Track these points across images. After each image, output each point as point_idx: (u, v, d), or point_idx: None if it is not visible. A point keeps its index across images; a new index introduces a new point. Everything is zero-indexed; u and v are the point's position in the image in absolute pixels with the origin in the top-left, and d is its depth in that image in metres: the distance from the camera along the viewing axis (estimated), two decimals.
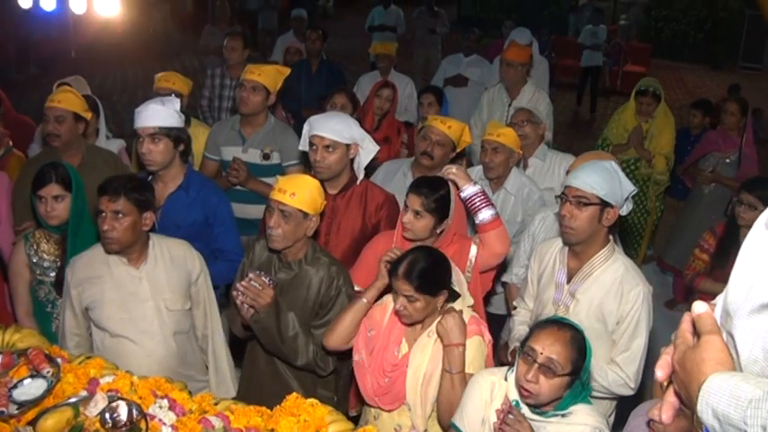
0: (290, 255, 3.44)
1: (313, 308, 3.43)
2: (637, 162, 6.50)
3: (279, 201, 3.29)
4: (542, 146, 5.20)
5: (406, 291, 3.00)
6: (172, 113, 3.94)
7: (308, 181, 3.40)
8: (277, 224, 3.29)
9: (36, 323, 3.77)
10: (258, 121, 4.83)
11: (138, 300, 3.43)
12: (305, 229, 3.36)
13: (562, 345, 2.60)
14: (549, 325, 2.70)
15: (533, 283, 3.70)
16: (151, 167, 3.92)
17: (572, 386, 2.63)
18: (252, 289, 3.23)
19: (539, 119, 5.22)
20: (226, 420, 2.75)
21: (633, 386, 3.36)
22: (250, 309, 3.27)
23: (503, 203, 4.66)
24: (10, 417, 2.69)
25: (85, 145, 4.65)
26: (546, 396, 2.62)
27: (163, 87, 5.37)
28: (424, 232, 3.55)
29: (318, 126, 3.89)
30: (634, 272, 3.38)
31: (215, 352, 3.74)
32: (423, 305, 3.02)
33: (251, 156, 4.79)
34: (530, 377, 2.60)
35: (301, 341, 3.35)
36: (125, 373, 2.95)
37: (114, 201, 3.27)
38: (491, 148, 4.57)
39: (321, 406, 2.81)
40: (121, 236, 3.31)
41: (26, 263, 3.77)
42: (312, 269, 3.44)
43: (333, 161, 3.88)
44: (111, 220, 3.28)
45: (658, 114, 6.52)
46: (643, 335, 3.32)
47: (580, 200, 3.24)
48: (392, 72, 7.49)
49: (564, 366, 2.58)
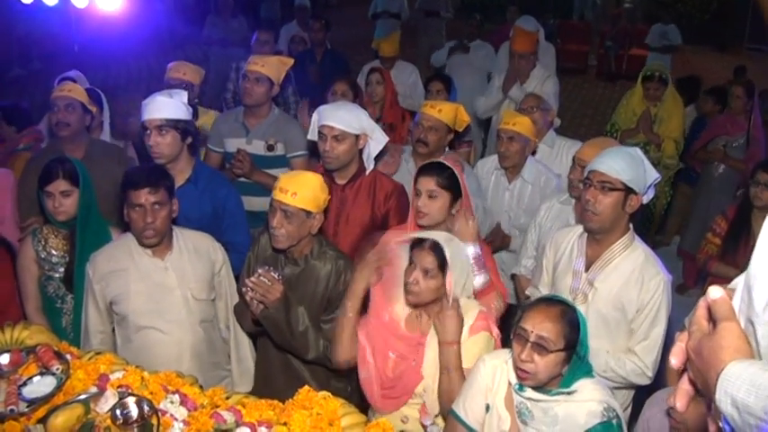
0: (296, 251, 3.43)
1: (321, 302, 3.43)
2: (646, 146, 6.43)
3: (280, 201, 3.27)
4: (551, 132, 5.18)
5: (427, 262, 2.98)
6: (179, 106, 3.91)
7: (310, 178, 3.37)
8: (280, 224, 3.28)
9: (45, 319, 3.76)
10: (262, 113, 4.81)
11: (166, 290, 3.43)
12: (308, 227, 3.35)
13: (552, 321, 2.58)
14: (538, 304, 2.70)
15: (548, 270, 3.66)
16: (158, 160, 3.89)
17: (570, 361, 2.61)
18: (261, 284, 3.22)
19: (548, 105, 5.19)
20: (238, 414, 2.73)
21: (651, 375, 3.34)
22: (260, 305, 3.26)
23: (520, 192, 4.65)
24: (20, 415, 2.67)
25: (89, 138, 4.65)
26: (544, 374, 2.60)
27: (174, 77, 5.36)
28: (441, 213, 3.54)
29: (328, 116, 3.88)
30: (654, 260, 3.34)
31: (238, 343, 3.76)
32: (437, 285, 3.00)
33: (255, 147, 4.77)
34: (524, 357, 2.59)
35: (311, 335, 3.34)
36: (135, 369, 2.93)
37: (155, 192, 3.28)
38: (507, 137, 4.55)
39: (333, 399, 2.80)
40: (162, 226, 3.34)
41: (34, 258, 3.76)
42: (319, 264, 3.43)
43: (342, 151, 3.86)
44: (153, 211, 3.29)
45: (666, 98, 6.51)
46: (662, 324, 3.30)
47: (605, 185, 3.21)
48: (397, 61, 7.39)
49: (556, 342, 2.56)
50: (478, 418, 2.81)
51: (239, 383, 3.73)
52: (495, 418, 2.77)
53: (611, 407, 2.63)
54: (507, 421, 2.74)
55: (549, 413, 2.65)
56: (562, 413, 2.64)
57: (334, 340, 3.27)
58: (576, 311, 2.65)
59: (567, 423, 2.63)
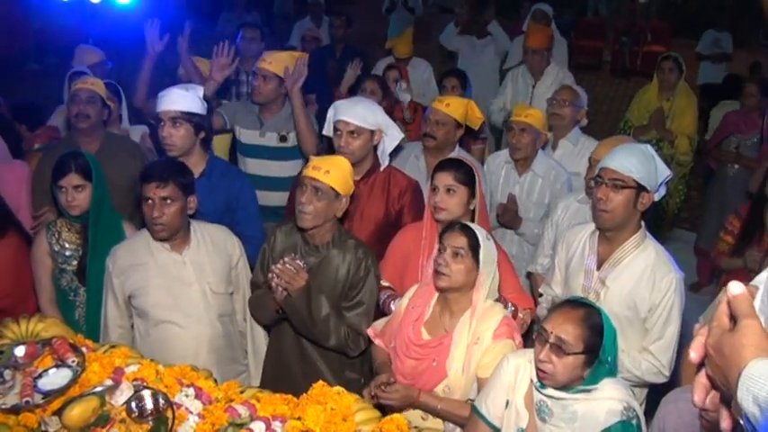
0: (317, 237, 3.44)
1: (342, 290, 3.44)
2: (659, 143, 6.40)
3: (313, 177, 3.31)
4: (576, 129, 5.15)
5: (458, 243, 3.01)
6: (195, 99, 3.93)
7: (342, 161, 3.43)
8: (309, 201, 3.31)
9: (59, 311, 3.79)
10: (275, 108, 4.82)
11: (184, 284, 3.45)
12: (335, 209, 3.38)
13: (572, 323, 2.58)
14: (564, 305, 2.69)
15: (560, 269, 3.65)
16: (171, 152, 3.91)
17: (591, 365, 2.59)
18: (287, 272, 3.24)
19: (581, 103, 5.15)
20: (252, 409, 2.73)
21: (667, 373, 3.33)
22: (284, 291, 3.28)
23: (530, 186, 4.66)
24: (35, 406, 2.69)
25: (105, 132, 4.66)
26: (562, 375, 2.59)
27: None
28: (459, 208, 3.55)
29: (343, 111, 3.89)
30: (666, 258, 3.32)
31: (254, 336, 3.78)
32: (467, 267, 3.01)
33: (268, 139, 4.80)
34: (542, 357, 2.59)
35: (333, 323, 3.37)
36: (150, 362, 2.94)
37: (163, 187, 3.29)
38: (518, 129, 4.57)
39: (348, 394, 2.80)
40: (171, 221, 3.34)
41: (48, 251, 3.78)
42: (339, 252, 3.45)
43: (357, 146, 3.88)
44: (161, 206, 3.30)
45: (680, 93, 6.48)
46: (676, 322, 3.29)
47: (616, 182, 3.19)
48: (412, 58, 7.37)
49: (574, 344, 2.55)
50: (499, 414, 2.82)
51: (255, 376, 3.74)
52: (513, 414, 2.77)
53: (630, 406, 2.62)
54: (525, 419, 2.74)
55: (569, 410, 2.65)
56: (581, 411, 2.63)
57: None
58: (602, 316, 2.63)
59: (586, 421, 2.62)
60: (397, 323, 3.28)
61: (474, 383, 3.06)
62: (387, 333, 3.34)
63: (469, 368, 3.04)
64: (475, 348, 3.04)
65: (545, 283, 3.85)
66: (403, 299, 3.35)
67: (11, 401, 2.72)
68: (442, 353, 3.08)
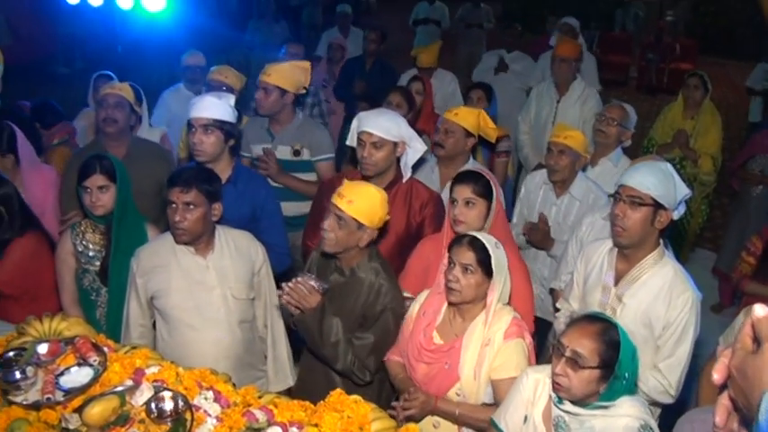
0: (344, 261, 3.42)
1: (357, 317, 3.41)
2: (682, 161, 6.36)
3: (336, 205, 3.28)
4: (618, 150, 5.02)
5: (466, 259, 3.01)
6: (226, 108, 3.97)
7: (372, 192, 3.34)
8: (331, 228, 3.28)
9: (80, 310, 3.83)
10: (284, 119, 4.83)
11: (206, 288, 3.46)
12: (357, 239, 3.31)
13: (589, 338, 2.57)
14: (581, 320, 2.69)
15: (578, 284, 3.64)
16: (200, 158, 3.94)
17: (608, 381, 2.58)
18: (298, 291, 3.23)
19: (629, 125, 4.99)
20: (270, 414, 2.74)
21: (674, 394, 3.30)
22: (296, 309, 3.28)
23: (567, 208, 4.57)
24: (56, 403, 2.72)
25: (131, 137, 4.73)
26: (577, 389, 2.59)
27: (215, 79, 5.45)
28: (478, 221, 3.54)
29: (367, 123, 3.89)
30: (683, 277, 3.30)
31: (274, 342, 3.78)
32: (477, 281, 3.02)
33: (281, 152, 4.81)
34: (558, 370, 2.60)
35: (342, 348, 3.33)
36: (170, 364, 2.96)
37: (186, 192, 3.30)
38: (557, 151, 4.46)
39: (364, 403, 2.80)
40: (192, 226, 3.35)
41: (72, 251, 3.84)
42: (363, 280, 3.40)
43: (380, 158, 3.87)
44: (183, 211, 3.32)
45: (704, 112, 6.43)
46: (689, 342, 3.26)
47: (634, 200, 3.19)
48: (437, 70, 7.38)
49: (590, 359, 2.55)
50: (517, 429, 2.82)
51: (274, 382, 3.75)
52: (531, 429, 2.78)
53: (647, 424, 2.61)
54: None
55: (586, 425, 2.65)
56: (599, 427, 2.63)
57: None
58: (620, 331, 2.62)
59: None
60: (408, 330, 3.29)
61: (487, 386, 3.06)
62: (400, 342, 3.35)
63: (481, 371, 3.04)
64: (487, 350, 3.04)
65: (563, 297, 3.84)
66: (414, 305, 3.36)
67: (32, 398, 2.74)
68: (454, 356, 3.09)
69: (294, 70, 4.81)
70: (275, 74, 4.72)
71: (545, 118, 6.39)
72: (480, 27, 11.75)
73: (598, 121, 5.01)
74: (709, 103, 6.51)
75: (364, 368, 3.38)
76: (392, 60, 8.63)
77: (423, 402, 3.08)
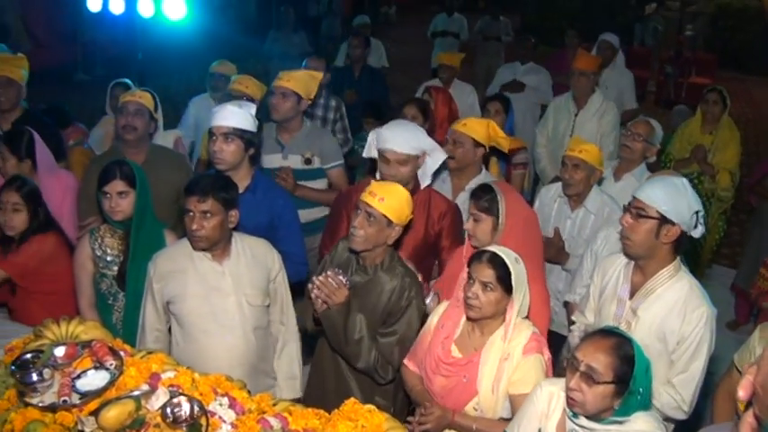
0: (368, 259, 3.47)
1: (382, 315, 3.45)
2: (700, 176, 6.33)
3: (367, 203, 3.35)
4: (642, 165, 4.98)
5: (486, 276, 3.00)
6: (247, 117, 3.99)
7: (400, 191, 3.43)
8: (361, 225, 3.34)
9: (97, 315, 3.86)
10: (293, 127, 4.85)
11: (221, 294, 3.49)
12: (386, 236, 3.40)
13: (603, 352, 2.57)
14: (596, 334, 2.68)
15: (594, 297, 3.62)
16: (220, 166, 3.96)
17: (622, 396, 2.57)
18: (328, 285, 3.28)
19: (655, 141, 4.98)
20: (284, 421, 2.74)
21: (687, 410, 3.27)
22: (323, 304, 3.32)
23: (582, 222, 4.55)
24: (72, 406, 2.72)
25: (150, 144, 4.76)
26: (592, 405, 2.58)
27: (237, 90, 5.46)
28: (485, 236, 3.55)
29: (390, 140, 3.91)
30: (699, 292, 3.28)
31: (287, 350, 3.79)
32: (497, 298, 3.01)
33: (292, 161, 4.83)
34: (572, 385, 2.59)
35: (365, 345, 3.38)
36: (186, 369, 2.97)
37: (203, 201, 3.34)
38: (572, 165, 4.45)
39: (379, 413, 2.79)
40: (209, 234, 3.39)
41: (90, 256, 3.87)
42: (386, 277, 3.46)
43: (405, 173, 3.92)
44: (200, 219, 3.35)
45: (722, 127, 6.40)
46: (703, 357, 3.23)
47: (639, 212, 3.19)
48: (455, 81, 7.44)
49: (604, 374, 2.54)
50: None
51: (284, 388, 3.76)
52: None
53: None
54: None
55: None
56: None
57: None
58: (634, 346, 2.61)
59: None
60: (426, 342, 3.29)
61: (505, 401, 3.06)
62: (417, 353, 3.35)
63: (500, 385, 3.04)
64: (506, 365, 3.04)
65: (578, 310, 3.82)
66: (432, 317, 3.37)
67: (49, 400, 2.75)
68: (472, 370, 3.08)
69: (309, 79, 4.85)
70: (293, 80, 4.75)
71: (563, 131, 6.37)
72: (498, 40, 11.75)
73: (624, 136, 4.98)
74: (728, 118, 6.48)
75: (388, 364, 3.43)
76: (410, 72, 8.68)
77: (439, 417, 3.08)
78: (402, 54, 14.81)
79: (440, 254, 4.14)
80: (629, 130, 4.95)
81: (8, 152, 4.45)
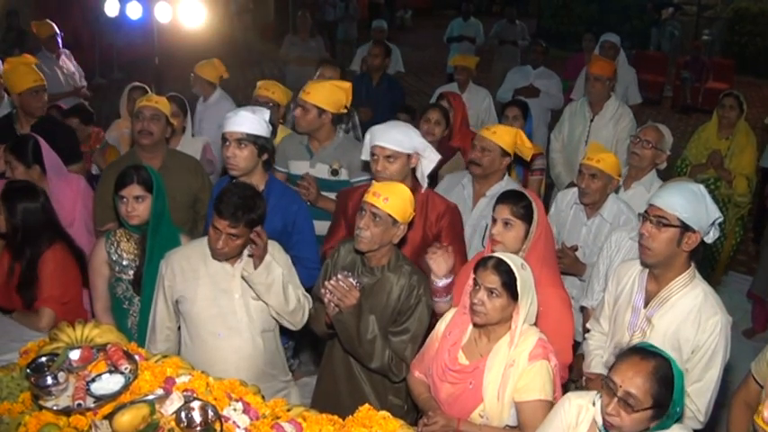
0: (374, 260, 3.49)
1: (392, 314, 3.46)
2: (717, 182, 6.27)
3: (372, 203, 3.36)
4: (653, 173, 4.87)
5: (491, 283, 2.98)
6: (261, 122, 3.99)
7: (402, 189, 3.45)
8: (367, 226, 3.35)
9: (113, 319, 3.87)
10: (323, 137, 4.77)
11: (230, 296, 3.50)
12: (392, 235, 3.42)
13: (642, 377, 2.49)
14: (632, 355, 2.58)
15: (609, 304, 3.59)
16: (233, 172, 3.98)
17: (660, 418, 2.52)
18: (339, 288, 3.29)
19: (664, 147, 4.86)
20: (298, 427, 2.75)
21: (702, 420, 3.23)
22: (336, 307, 3.32)
23: (597, 230, 4.50)
24: (87, 410, 2.74)
25: (166, 149, 4.78)
26: (629, 429, 2.53)
27: (262, 95, 5.40)
28: (515, 243, 3.50)
29: (380, 136, 3.90)
30: (714, 299, 3.23)
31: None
32: (502, 304, 2.99)
33: (319, 171, 4.77)
34: (610, 410, 2.53)
35: (378, 345, 3.39)
36: (201, 374, 2.98)
37: (234, 227, 3.33)
38: (588, 174, 4.38)
39: (393, 419, 2.80)
40: (231, 252, 3.43)
41: (106, 260, 3.88)
42: (394, 276, 3.48)
43: (394, 171, 3.88)
44: (227, 239, 3.36)
45: (739, 132, 6.34)
46: (718, 366, 3.19)
47: (660, 220, 3.13)
48: (470, 85, 7.43)
49: (643, 401, 2.47)
50: None
51: None
52: None
53: None
54: None
55: None
56: None
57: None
58: (673, 367, 2.53)
59: None
60: (433, 349, 3.28)
61: (511, 408, 3.04)
62: (424, 360, 3.34)
63: (505, 392, 3.01)
64: (511, 371, 3.01)
65: (593, 317, 3.79)
66: (440, 324, 3.35)
67: (63, 403, 2.77)
68: (478, 377, 3.07)
69: (335, 90, 4.73)
70: (314, 93, 4.66)
71: (578, 136, 6.34)
72: (515, 44, 11.73)
73: (632, 143, 4.87)
74: (744, 123, 6.42)
75: (401, 362, 3.44)
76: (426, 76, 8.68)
77: (443, 426, 3.06)
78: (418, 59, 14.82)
79: None
80: (638, 137, 4.83)
81: (15, 160, 4.47)
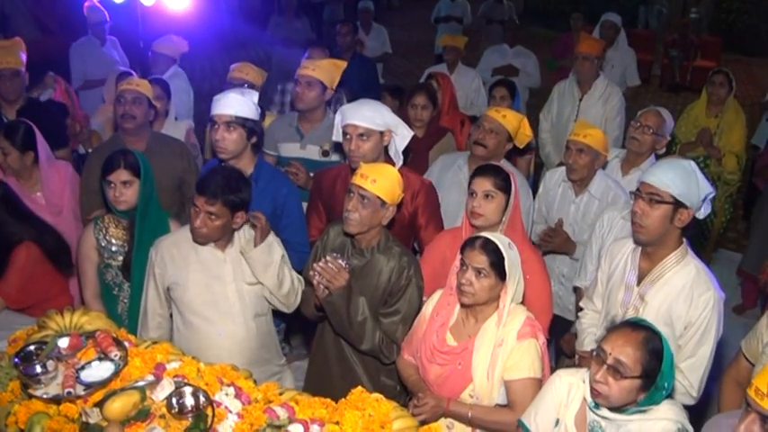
0: (364, 241, 3.48)
1: (382, 296, 3.46)
2: (706, 160, 6.28)
3: (359, 186, 3.34)
4: (651, 158, 4.79)
5: (479, 263, 2.98)
6: (249, 105, 3.97)
7: (390, 171, 3.44)
8: (355, 208, 3.34)
9: (102, 305, 3.85)
10: (316, 117, 4.78)
11: (222, 282, 3.49)
12: (381, 217, 3.40)
13: (632, 346, 2.52)
14: (624, 326, 2.62)
15: (602, 282, 3.60)
16: (222, 155, 3.95)
17: (647, 390, 2.54)
18: (328, 270, 3.28)
19: (665, 132, 4.78)
20: (291, 411, 2.73)
21: (695, 395, 3.25)
22: (325, 289, 3.31)
23: (586, 207, 4.50)
24: (77, 398, 2.72)
25: (150, 132, 4.74)
26: (616, 398, 2.55)
27: (236, 77, 5.46)
28: (496, 215, 3.54)
29: (351, 115, 3.89)
30: (706, 276, 3.24)
31: None
32: (490, 284, 2.99)
33: (309, 152, 4.76)
34: (598, 377, 2.55)
35: (369, 327, 3.39)
36: (192, 359, 2.96)
37: (211, 204, 3.31)
38: (576, 149, 4.37)
39: (386, 401, 2.79)
40: (210, 233, 3.39)
41: (95, 246, 3.86)
42: (384, 258, 3.47)
43: (367, 149, 3.87)
44: (205, 218, 3.34)
45: (728, 109, 6.35)
46: (710, 342, 3.21)
47: (653, 197, 3.13)
48: (459, 65, 7.42)
49: (632, 368, 2.50)
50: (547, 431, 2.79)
51: None
52: None
53: (685, 428, 2.59)
54: None
55: (622, 429, 2.62)
56: (635, 429, 2.60)
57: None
58: (663, 341, 2.56)
59: None
60: (421, 331, 3.28)
61: (501, 387, 3.05)
62: (413, 342, 3.34)
63: (495, 371, 3.02)
64: (500, 351, 3.02)
65: (586, 296, 3.80)
66: (427, 305, 3.35)
67: (53, 391, 2.75)
68: (466, 357, 3.07)
69: (332, 67, 4.77)
70: (318, 68, 4.67)
71: (567, 116, 6.33)
72: (502, 24, 11.68)
73: (633, 128, 4.78)
74: (734, 100, 6.43)
75: (392, 343, 3.45)
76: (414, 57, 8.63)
77: (433, 407, 3.07)
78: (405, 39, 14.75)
79: (417, 233, 4.13)
80: (639, 122, 4.75)
81: (9, 145, 4.42)
